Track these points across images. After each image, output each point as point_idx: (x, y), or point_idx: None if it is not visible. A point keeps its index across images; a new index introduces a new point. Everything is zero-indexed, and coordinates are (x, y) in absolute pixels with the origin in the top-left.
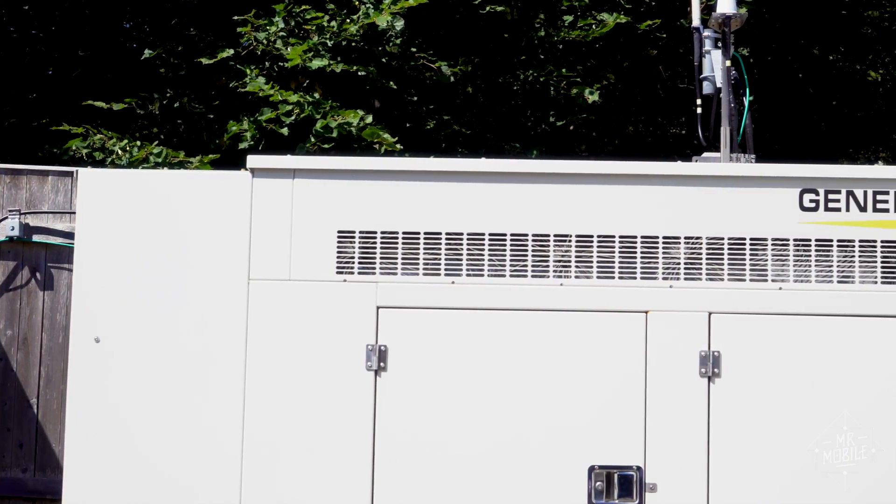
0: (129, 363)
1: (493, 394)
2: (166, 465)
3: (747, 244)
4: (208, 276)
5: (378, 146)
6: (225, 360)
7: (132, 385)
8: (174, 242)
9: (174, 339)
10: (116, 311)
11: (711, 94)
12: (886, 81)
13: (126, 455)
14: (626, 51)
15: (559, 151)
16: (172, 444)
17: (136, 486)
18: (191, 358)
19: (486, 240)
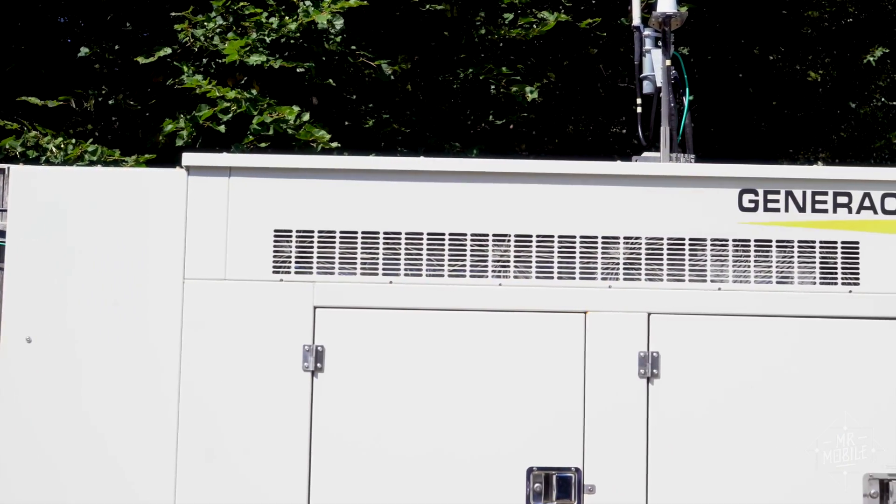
0: (61, 364)
1: (431, 395)
2: (100, 467)
3: (686, 244)
4: (142, 275)
5: (315, 144)
6: (159, 360)
7: (64, 386)
8: (108, 241)
9: (108, 339)
10: (49, 311)
11: (652, 93)
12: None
13: (59, 455)
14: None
15: (499, 150)
16: (105, 443)
17: (71, 487)
18: (125, 358)
19: (424, 239)
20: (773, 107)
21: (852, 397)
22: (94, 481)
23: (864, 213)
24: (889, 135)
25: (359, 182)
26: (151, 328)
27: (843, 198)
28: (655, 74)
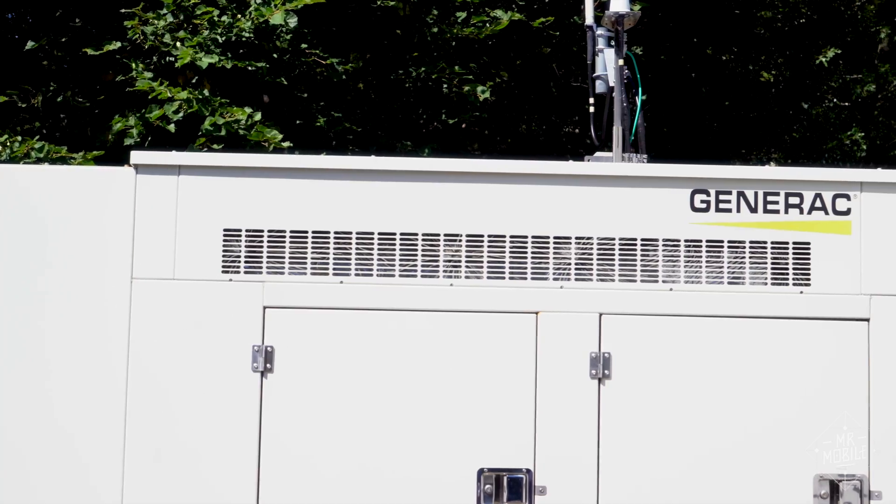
0: (6, 364)
1: (382, 396)
2: (42, 471)
3: (638, 245)
4: (90, 274)
5: (267, 144)
6: (107, 360)
7: (8, 387)
8: (56, 240)
9: (53, 339)
10: None
11: (604, 92)
12: (779, 82)
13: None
14: (520, 48)
15: (451, 150)
16: (50, 447)
17: (9, 493)
18: (72, 357)
19: (375, 239)
20: (726, 107)
21: (803, 398)
22: (44, 479)
23: (815, 213)
24: (841, 135)
25: (309, 181)
26: (99, 328)
27: (795, 198)
28: (608, 74)
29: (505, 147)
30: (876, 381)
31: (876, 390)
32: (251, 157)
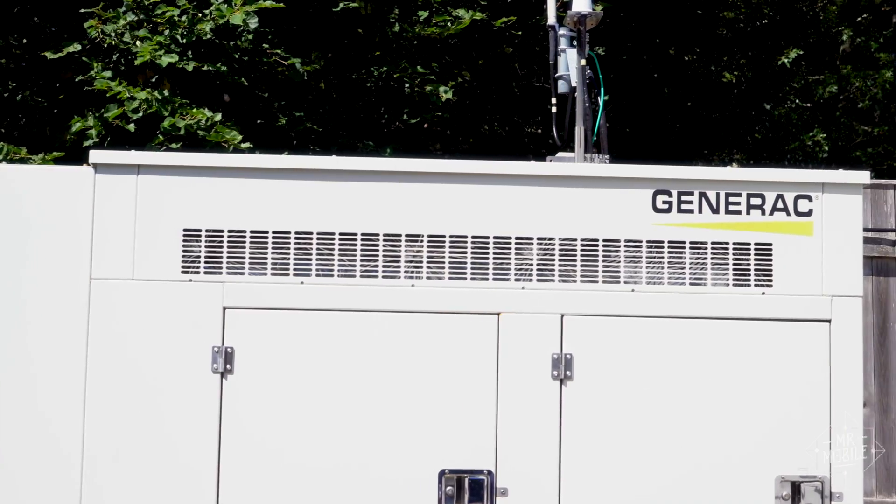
0: None
1: (343, 397)
2: (7, 467)
3: (600, 245)
4: (48, 274)
5: (226, 145)
6: (66, 361)
7: None
8: (11, 239)
9: (11, 339)
10: None
11: (567, 93)
12: (741, 83)
13: None
14: (482, 48)
15: (413, 149)
16: (8, 448)
17: None
18: (29, 358)
19: (336, 239)
20: (689, 107)
21: (765, 398)
22: None
23: (777, 214)
24: (803, 136)
25: (270, 181)
26: (57, 329)
27: (757, 199)
28: (570, 74)
29: (467, 147)
30: (837, 382)
31: (837, 391)
32: (211, 156)
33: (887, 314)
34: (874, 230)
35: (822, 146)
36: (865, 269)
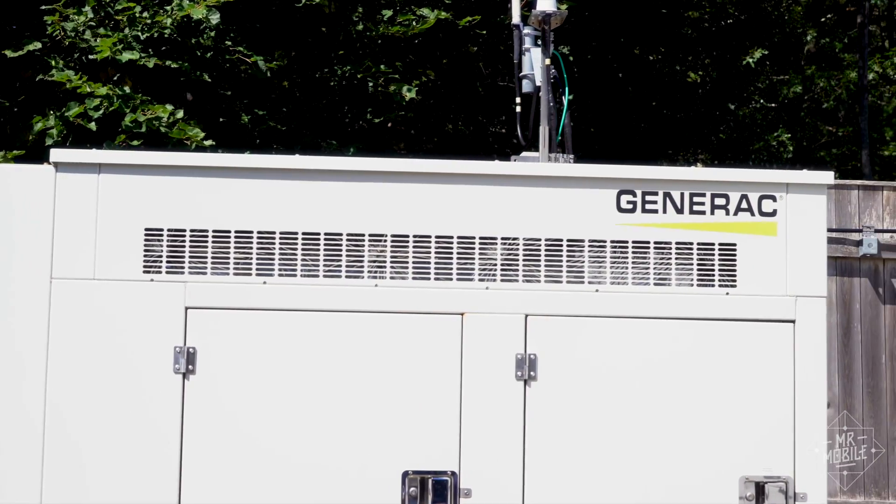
0: None
1: (306, 397)
2: None
3: (564, 246)
4: (8, 274)
5: (189, 142)
6: (26, 361)
7: None
8: None
9: None
10: None
11: (531, 92)
12: (706, 83)
13: None
14: (446, 47)
15: (377, 149)
16: None
17: None
18: None
19: (299, 239)
20: (653, 107)
21: (729, 399)
22: None
23: (741, 214)
24: (767, 136)
25: (232, 180)
26: (17, 329)
27: (721, 199)
28: (535, 73)
29: (431, 146)
30: (801, 382)
31: (801, 392)
32: (173, 155)
33: (851, 314)
34: (838, 230)
35: (787, 146)
36: (829, 269)
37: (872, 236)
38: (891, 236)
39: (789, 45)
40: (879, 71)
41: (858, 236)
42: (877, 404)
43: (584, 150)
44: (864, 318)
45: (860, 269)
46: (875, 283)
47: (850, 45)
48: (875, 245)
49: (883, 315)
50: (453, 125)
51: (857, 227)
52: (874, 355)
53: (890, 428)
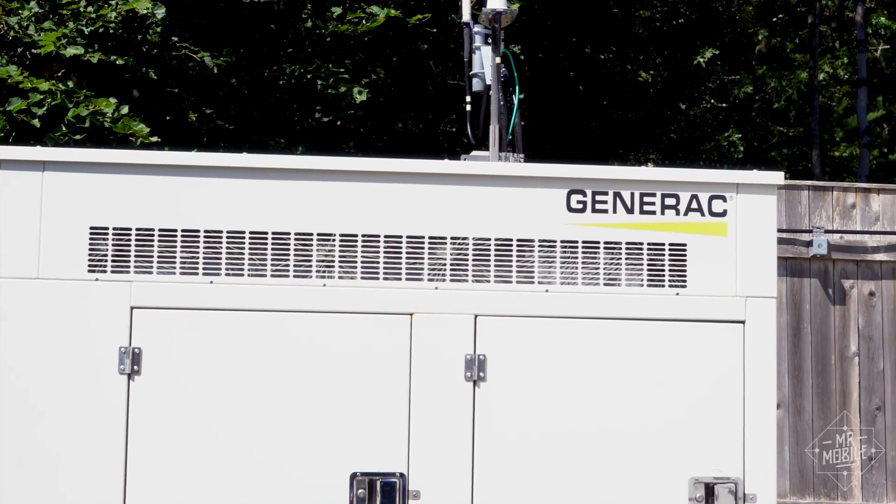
0: None
1: (253, 398)
2: None
3: (514, 245)
4: None
5: (134, 139)
6: None
7: None
8: None
9: None
10: None
11: (481, 91)
12: (657, 82)
13: None
14: (396, 45)
15: (326, 147)
16: None
17: None
18: None
19: (246, 238)
20: (604, 107)
21: (679, 400)
22: None
23: (691, 215)
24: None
25: (178, 178)
26: None
27: (671, 199)
28: (485, 72)
29: (381, 145)
30: (751, 383)
31: (751, 392)
32: (119, 153)
33: (801, 315)
34: (788, 231)
35: (738, 146)
36: (780, 269)
37: (822, 237)
38: (840, 237)
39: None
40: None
41: (808, 237)
42: (826, 405)
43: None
44: (814, 319)
45: (810, 270)
46: (825, 283)
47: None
48: (825, 246)
49: (832, 316)
50: (403, 124)
51: (807, 228)
52: (824, 356)
53: (839, 429)
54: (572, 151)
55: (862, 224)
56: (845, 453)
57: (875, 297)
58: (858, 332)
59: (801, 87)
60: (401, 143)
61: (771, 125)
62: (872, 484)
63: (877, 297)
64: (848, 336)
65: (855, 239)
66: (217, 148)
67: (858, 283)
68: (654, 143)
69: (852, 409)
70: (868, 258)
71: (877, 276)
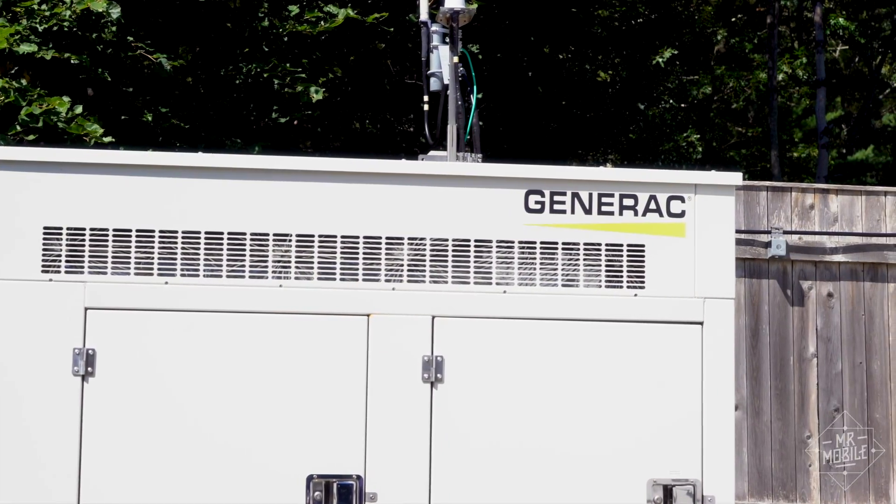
0: None
1: (209, 400)
2: None
3: (472, 246)
4: None
5: (88, 139)
6: None
7: None
8: None
9: None
10: None
11: (439, 90)
12: (616, 82)
13: None
14: (353, 44)
15: (283, 147)
16: None
17: None
18: None
19: (202, 239)
20: (563, 107)
21: (637, 401)
22: None
23: (649, 215)
24: (677, 137)
25: (133, 178)
26: None
27: (630, 200)
28: (443, 71)
29: (338, 145)
30: (709, 384)
31: (709, 394)
32: (73, 152)
33: (760, 316)
34: (747, 232)
35: (696, 147)
36: (738, 270)
37: (781, 238)
38: (799, 238)
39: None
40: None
41: (767, 238)
42: (784, 406)
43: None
44: (773, 320)
45: (769, 271)
46: (783, 284)
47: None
48: (783, 247)
49: (791, 317)
50: (361, 123)
51: (765, 229)
52: (782, 357)
53: (798, 430)
54: (531, 151)
55: (820, 225)
56: (804, 455)
57: (833, 299)
58: (817, 333)
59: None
60: (358, 143)
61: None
62: (831, 486)
63: (835, 299)
64: (806, 337)
65: (813, 240)
66: (173, 148)
67: (817, 284)
68: (613, 144)
69: (811, 410)
70: (826, 259)
71: (835, 277)
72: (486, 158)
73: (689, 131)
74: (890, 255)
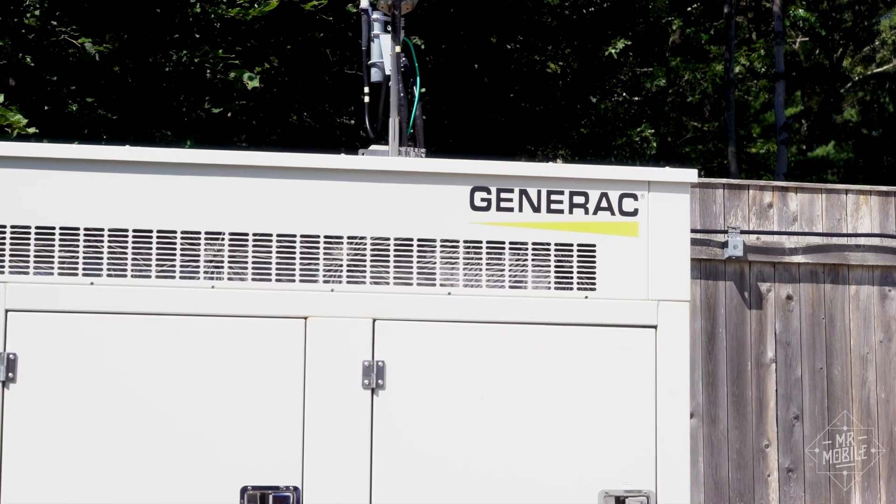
0: None
1: (136, 407)
2: None
3: (415, 245)
4: None
5: (10, 130)
6: None
7: None
8: None
9: None
10: None
11: (380, 81)
12: (566, 74)
13: None
14: (290, 32)
15: (216, 140)
16: None
17: None
18: None
19: (129, 237)
20: (511, 99)
21: (588, 408)
22: None
23: (601, 214)
24: (630, 131)
25: (57, 172)
26: None
27: (580, 198)
28: (384, 62)
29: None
30: (663, 391)
31: (663, 401)
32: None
33: (716, 320)
34: (703, 231)
35: (650, 142)
36: (693, 272)
37: (738, 238)
38: (757, 238)
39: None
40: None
41: (724, 237)
42: (741, 413)
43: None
44: (730, 324)
45: (725, 272)
46: (741, 286)
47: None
48: (741, 247)
49: (748, 320)
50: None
51: (722, 228)
52: (740, 362)
53: (756, 439)
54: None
55: (779, 224)
56: (762, 465)
57: (793, 301)
58: (776, 337)
59: (716, 81)
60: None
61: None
62: (790, 497)
63: (794, 301)
64: (765, 342)
65: (772, 240)
66: (99, 140)
67: (776, 286)
68: (563, 138)
69: (769, 418)
70: (786, 260)
71: (794, 278)
72: (430, 153)
73: (643, 126)
74: (851, 256)
